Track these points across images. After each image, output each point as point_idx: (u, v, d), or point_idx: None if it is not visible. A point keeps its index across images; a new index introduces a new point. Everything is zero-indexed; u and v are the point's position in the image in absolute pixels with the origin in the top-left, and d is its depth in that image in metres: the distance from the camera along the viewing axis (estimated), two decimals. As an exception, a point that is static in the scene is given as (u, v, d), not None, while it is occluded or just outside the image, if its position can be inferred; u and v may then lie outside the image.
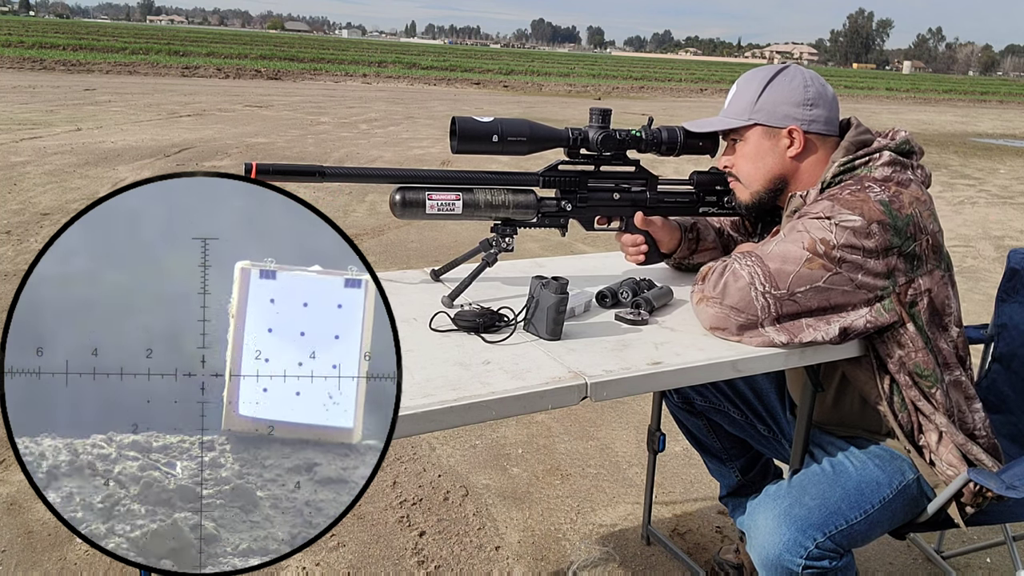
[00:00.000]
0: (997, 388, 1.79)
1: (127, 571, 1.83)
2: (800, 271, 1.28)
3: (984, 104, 31.09)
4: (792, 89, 1.44)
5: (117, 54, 25.55)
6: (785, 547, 1.30)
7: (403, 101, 16.67)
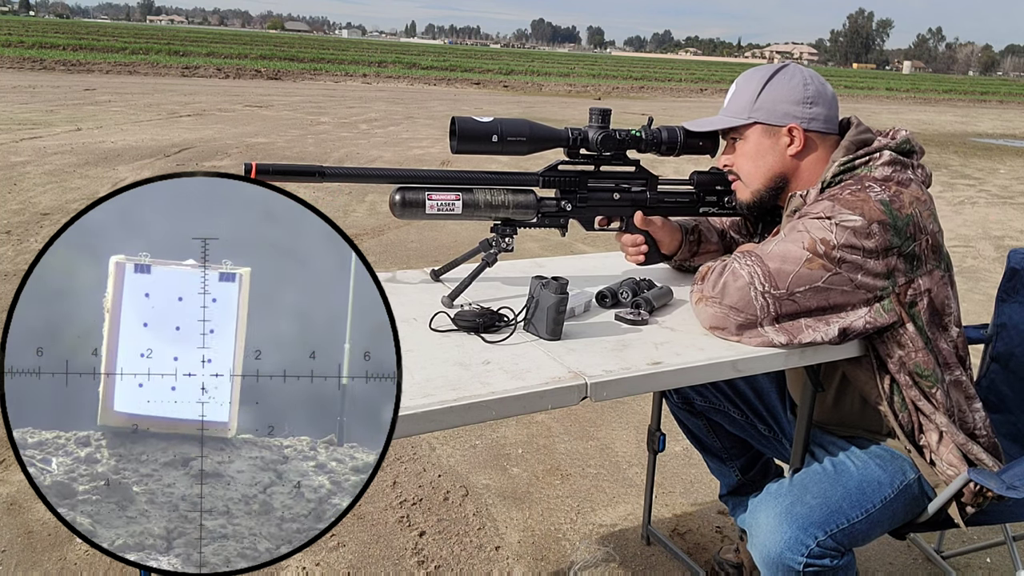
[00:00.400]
0: (997, 388, 1.79)
1: (127, 571, 1.83)
2: (800, 271, 1.28)
3: (984, 104, 31.08)
4: (791, 87, 1.44)
5: (117, 54, 25.55)
6: (786, 545, 1.30)
7: (403, 101, 16.67)
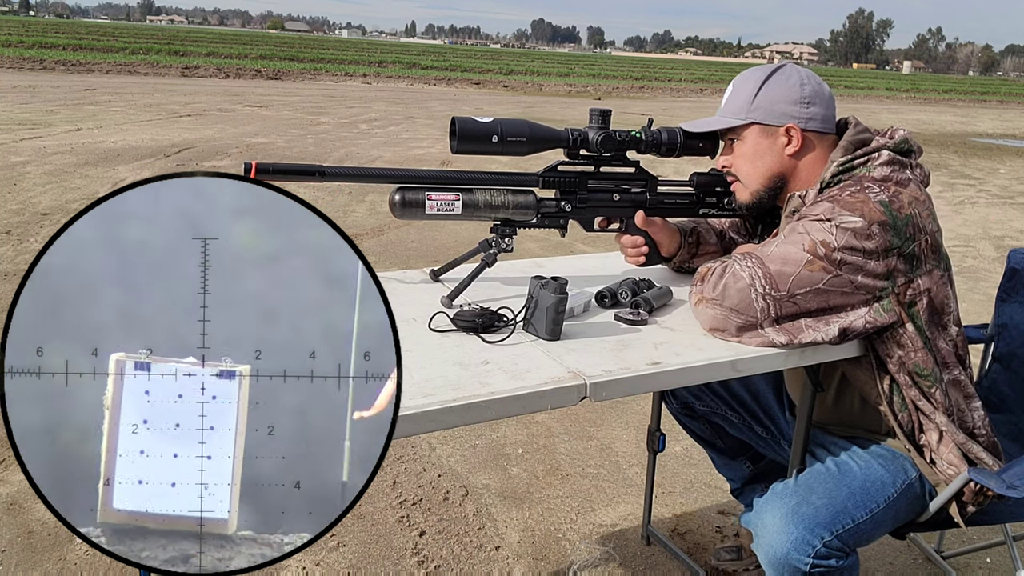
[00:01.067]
0: (997, 388, 1.79)
1: (127, 571, 1.83)
2: (800, 273, 1.28)
3: (984, 104, 31.07)
4: (789, 87, 1.44)
5: (117, 54, 25.55)
6: (793, 546, 1.30)
7: (403, 101, 16.66)
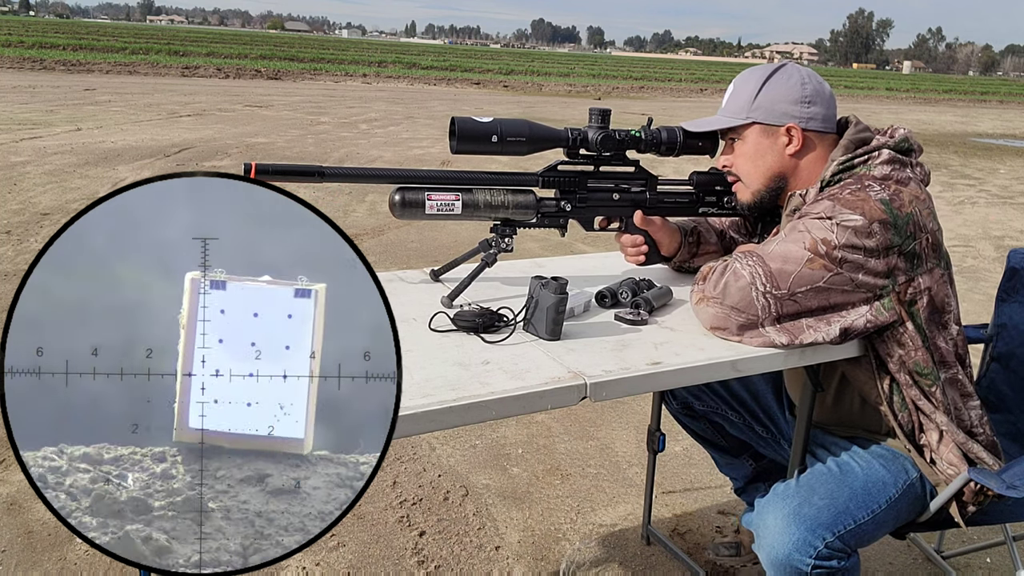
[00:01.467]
0: (997, 388, 1.79)
1: (127, 571, 1.83)
2: (801, 271, 1.28)
3: (984, 104, 31.07)
4: (789, 87, 1.44)
5: (117, 54, 25.55)
6: (795, 547, 1.30)
7: (403, 101, 16.66)
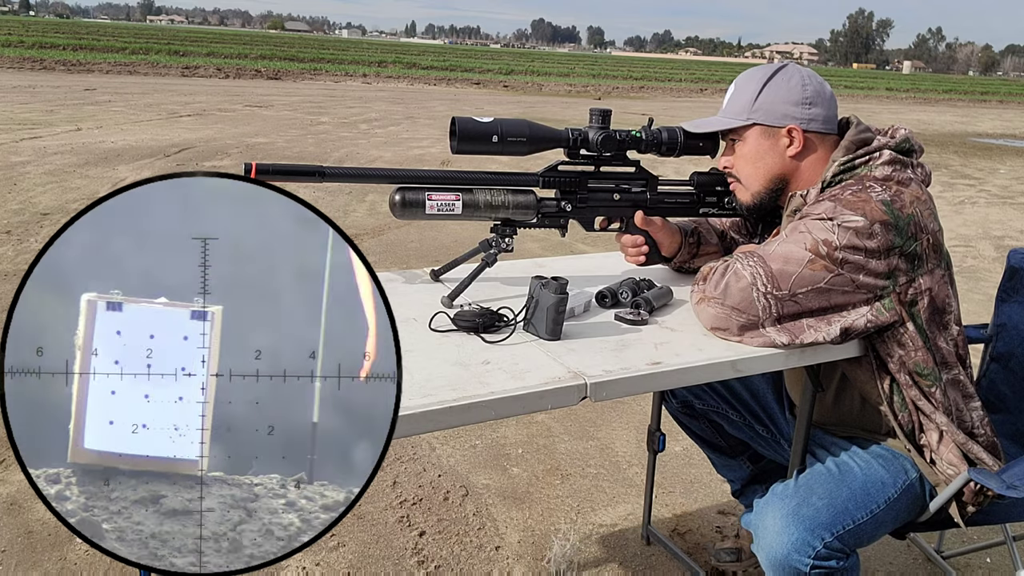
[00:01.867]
0: (997, 388, 1.79)
1: (127, 571, 1.83)
2: (802, 272, 1.28)
3: (984, 104, 31.06)
4: (790, 88, 1.44)
5: (117, 54, 25.53)
6: (793, 547, 1.30)
7: (403, 101, 16.66)
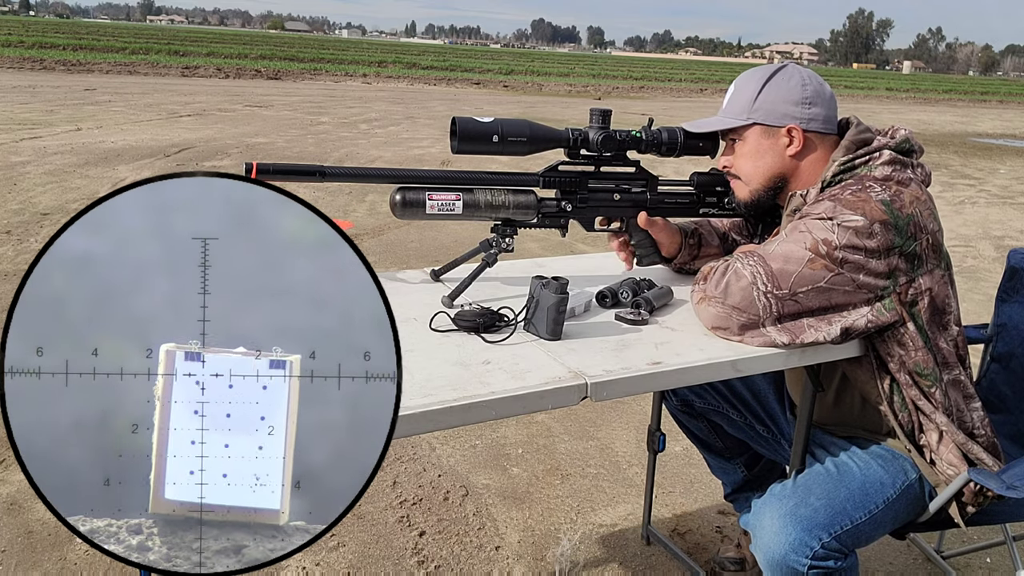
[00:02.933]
0: (997, 388, 1.79)
1: (127, 571, 1.83)
2: (802, 271, 1.28)
3: (984, 104, 31.06)
4: (790, 88, 1.44)
5: (117, 54, 25.53)
6: (791, 547, 1.30)
7: (403, 101, 16.66)
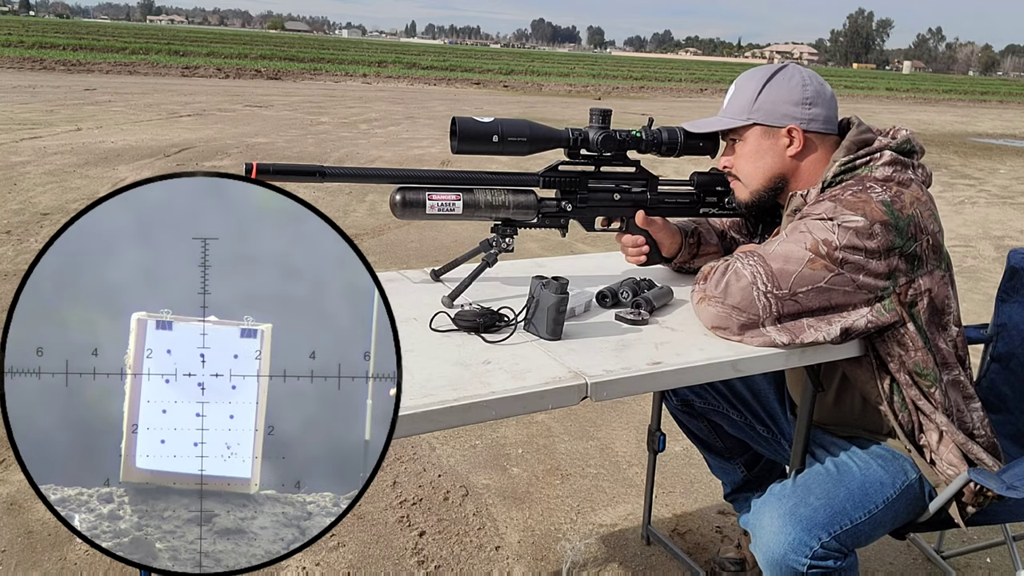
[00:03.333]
0: (997, 388, 1.79)
1: (127, 571, 1.83)
2: (802, 271, 1.28)
3: (984, 104, 31.06)
4: (790, 88, 1.44)
5: (117, 54, 25.53)
6: (790, 547, 1.30)
7: (403, 101, 16.66)
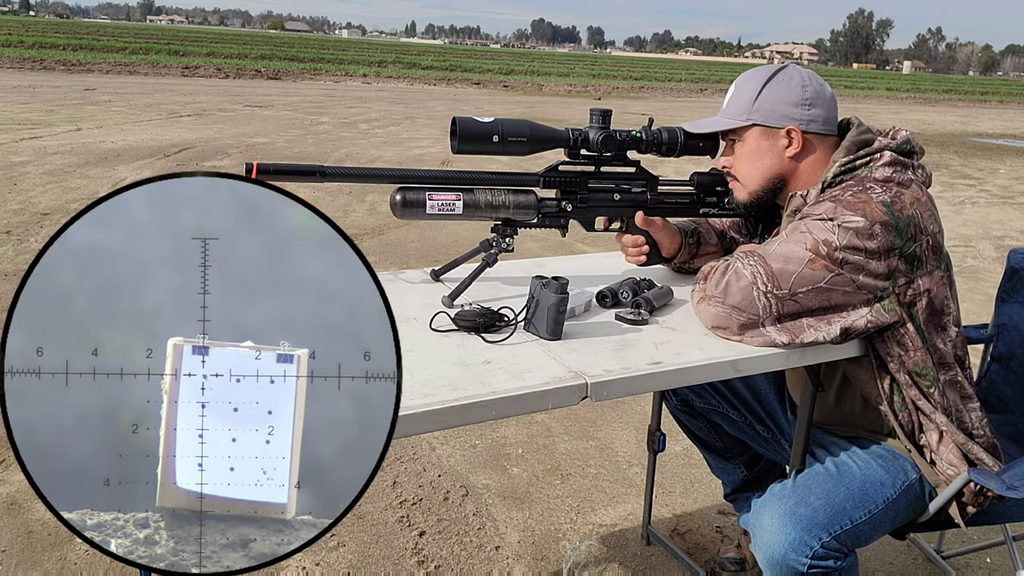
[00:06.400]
0: (997, 388, 1.79)
1: (127, 571, 1.83)
2: (802, 271, 1.28)
3: (984, 104, 31.06)
4: (790, 89, 1.44)
5: (117, 54, 25.53)
6: (791, 547, 1.30)
7: (403, 101, 16.66)
